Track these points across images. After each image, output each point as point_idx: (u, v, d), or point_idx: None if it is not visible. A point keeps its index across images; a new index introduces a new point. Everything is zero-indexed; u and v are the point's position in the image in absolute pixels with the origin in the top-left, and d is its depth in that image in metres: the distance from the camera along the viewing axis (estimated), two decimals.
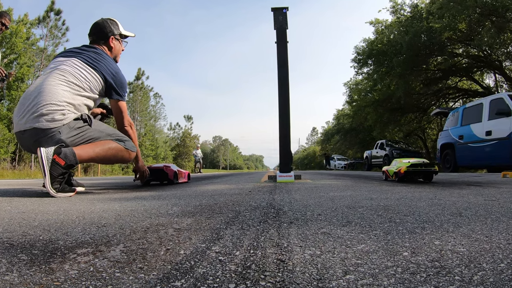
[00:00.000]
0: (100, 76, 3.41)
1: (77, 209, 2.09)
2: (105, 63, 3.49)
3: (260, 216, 1.78)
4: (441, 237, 1.23)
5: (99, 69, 3.41)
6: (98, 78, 3.40)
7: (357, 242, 1.17)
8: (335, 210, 1.98)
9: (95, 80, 3.38)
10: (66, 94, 3.19)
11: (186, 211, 1.96)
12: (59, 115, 3.11)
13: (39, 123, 3.04)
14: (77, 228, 1.46)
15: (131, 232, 1.36)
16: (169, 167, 4.91)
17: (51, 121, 3.08)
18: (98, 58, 3.47)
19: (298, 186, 4.21)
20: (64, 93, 3.18)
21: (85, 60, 3.38)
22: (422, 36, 23.78)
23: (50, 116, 3.07)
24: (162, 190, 3.64)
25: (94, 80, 3.37)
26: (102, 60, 3.49)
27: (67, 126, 3.15)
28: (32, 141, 3.11)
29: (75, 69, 3.31)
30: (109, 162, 3.57)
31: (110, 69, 3.50)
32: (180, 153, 43.98)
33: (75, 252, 1.07)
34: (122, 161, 3.56)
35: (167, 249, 1.10)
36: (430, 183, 4.65)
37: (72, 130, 3.17)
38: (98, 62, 3.45)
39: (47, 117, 3.06)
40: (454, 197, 2.60)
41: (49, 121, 3.07)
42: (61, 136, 3.10)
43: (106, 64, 3.49)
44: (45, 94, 3.11)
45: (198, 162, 28.15)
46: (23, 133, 3.12)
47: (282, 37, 6.24)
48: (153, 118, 40.97)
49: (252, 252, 1.07)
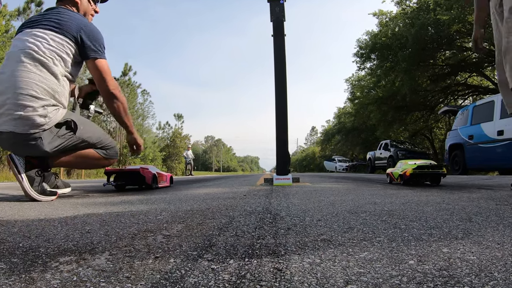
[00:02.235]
0: (69, 38, 3.13)
1: (59, 214, 2.09)
2: (70, 20, 3.19)
3: (255, 221, 1.78)
4: (450, 244, 1.23)
5: (65, 30, 3.13)
6: (67, 41, 3.12)
7: (359, 250, 1.18)
8: (336, 215, 1.99)
9: (63, 45, 3.11)
10: (42, 83, 2.98)
11: (176, 217, 1.96)
12: (40, 118, 2.93)
13: (16, 128, 2.88)
14: (59, 234, 1.45)
15: (117, 239, 1.36)
16: (146, 169, 4.58)
17: (31, 126, 2.91)
18: (60, 18, 3.17)
19: (297, 190, 4.21)
20: (39, 83, 2.97)
21: (47, 26, 3.11)
22: (429, 28, 23.82)
23: (30, 121, 2.89)
24: (151, 194, 3.64)
25: (62, 46, 3.10)
26: (65, 17, 3.19)
27: (49, 132, 3.02)
28: (9, 144, 3.00)
29: (42, 43, 3.05)
30: (84, 169, 3.56)
31: (76, 23, 3.19)
32: (169, 154, 43.81)
33: (57, 260, 1.07)
34: (101, 167, 3.53)
35: (156, 257, 1.10)
36: (438, 186, 4.65)
37: (55, 138, 3.06)
38: (61, 21, 3.16)
39: (26, 121, 2.88)
40: (464, 202, 2.62)
41: (29, 125, 2.90)
42: (43, 146, 2.98)
43: (71, 21, 3.18)
44: (18, 89, 2.90)
45: (189, 163, 28.13)
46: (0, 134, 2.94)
47: (279, 30, 6.22)
48: (140, 116, 40.85)
49: (247, 260, 1.07)
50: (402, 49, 25.57)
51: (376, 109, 30.08)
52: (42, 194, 3.00)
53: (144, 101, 40.98)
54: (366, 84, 33.72)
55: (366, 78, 33.89)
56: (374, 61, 29.93)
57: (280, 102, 6.04)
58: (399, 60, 25.36)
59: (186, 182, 7.58)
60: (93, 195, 3.61)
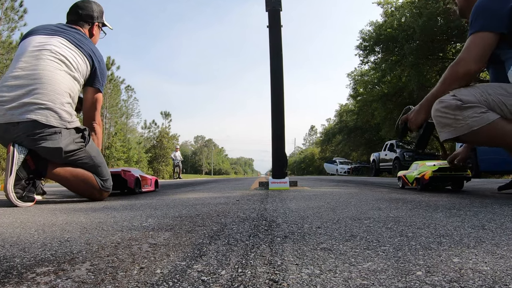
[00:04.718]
0: (88, 59, 3.40)
1: (36, 221, 2.08)
2: (92, 47, 3.48)
3: (249, 229, 1.78)
4: (461, 254, 1.24)
5: (87, 51, 3.40)
6: (86, 61, 3.39)
7: (362, 260, 1.18)
8: (337, 222, 1.99)
9: (84, 63, 3.37)
10: (65, 82, 3.19)
11: (163, 224, 1.96)
12: (66, 114, 3.12)
13: (41, 117, 3.00)
14: (36, 243, 1.45)
15: (99, 248, 1.35)
16: (128, 172, 4.52)
17: (57, 119, 3.08)
18: (83, 41, 3.45)
19: (294, 194, 4.22)
20: (63, 80, 3.17)
21: (71, 40, 3.35)
22: (439, 19, 23.92)
23: (57, 114, 3.06)
24: (135, 199, 3.63)
25: (83, 63, 3.36)
26: (88, 43, 3.48)
27: (68, 133, 3.14)
28: (25, 135, 3.01)
29: (64, 49, 3.27)
30: (75, 192, 3.58)
31: (97, 53, 3.51)
32: (156, 155, 43.72)
33: (33, 271, 1.06)
34: (89, 198, 3.54)
35: (141, 267, 1.10)
36: (448, 191, 4.57)
37: (71, 141, 3.17)
38: (85, 44, 3.43)
39: (53, 113, 3.04)
40: (476, 207, 2.62)
41: (54, 118, 3.06)
42: (61, 142, 3.09)
43: (92, 49, 3.48)
44: (45, 81, 3.07)
45: (177, 166, 28.13)
46: (14, 125, 2.99)
47: (275, 21, 6.18)
48: (124, 114, 40.86)
49: (240, 271, 1.07)
50: (409, 41, 25.65)
51: (380, 106, 30.18)
52: (21, 200, 2.99)
53: (128, 97, 41.00)
54: (370, 79, 33.82)
55: (370, 73, 34.01)
56: (379, 54, 30.05)
57: (276, 98, 6.02)
58: (406, 53, 25.44)
59: (174, 186, 7.56)
60: (72, 200, 3.60)
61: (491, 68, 3.39)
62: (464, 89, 3.06)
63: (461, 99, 2.95)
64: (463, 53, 3.09)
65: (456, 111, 2.97)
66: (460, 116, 2.96)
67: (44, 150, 3.08)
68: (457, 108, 2.96)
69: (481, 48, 3.00)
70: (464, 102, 2.94)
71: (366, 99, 32.65)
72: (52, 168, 3.22)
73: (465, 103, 2.94)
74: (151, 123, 48.28)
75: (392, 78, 29.11)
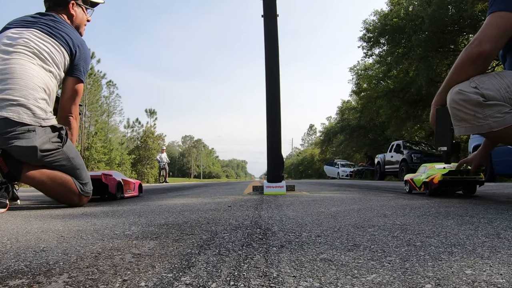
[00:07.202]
0: (64, 47, 3.39)
1: (9, 229, 2.08)
2: (68, 33, 3.46)
3: (242, 237, 1.78)
4: (474, 265, 1.24)
5: (63, 39, 3.38)
6: (62, 50, 3.38)
7: (366, 271, 1.18)
8: (338, 230, 1.99)
9: (59, 53, 3.36)
10: (39, 76, 3.18)
11: (148, 232, 1.96)
12: (40, 111, 3.10)
13: (13, 114, 2.98)
14: (8, 253, 1.45)
15: (77, 259, 1.35)
16: (109, 175, 4.48)
17: (30, 116, 3.06)
18: (58, 27, 3.43)
19: (291, 200, 4.22)
20: (37, 75, 3.16)
21: (44, 30, 3.34)
22: (449, 8, 23.97)
23: (30, 110, 3.05)
24: (117, 205, 3.63)
25: (58, 53, 3.35)
26: (63, 28, 3.45)
27: (43, 131, 3.12)
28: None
29: (38, 41, 3.27)
30: (51, 197, 3.55)
31: (74, 39, 3.49)
32: (140, 157, 43.60)
33: (6, 284, 1.06)
34: (68, 203, 3.53)
35: (123, 280, 1.10)
36: (459, 196, 4.53)
37: (47, 141, 3.16)
38: (60, 31, 3.41)
39: (25, 110, 3.03)
40: (490, 214, 2.63)
41: (27, 115, 3.04)
42: (35, 140, 3.07)
43: (69, 34, 3.46)
44: (17, 76, 3.06)
45: (163, 169, 28.09)
46: None
47: (271, 10, 6.18)
48: (106, 112, 40.75)
49: (232, 283, 1.07)
50: (417, 32, 25.67)
51: (386, 103, 30.21)
52: None
53: (110, 94, 40.88)
54: (374, 73, 33.84)
55: (374, 67, 34.01)
56: (384, 46, 30.06)
57: (272, 94, 6.04)
58: (414, 45, 25.47)
59: (159, 191, 7.56)
60: (49, 206, 3.59)
61: (509, 57, 3.30)
62: (486, 79, 2.97)
63: (483, 94, 2.88)
64: (478, 33, 3.01)
65: (477, 108, 2.90)
66: (481, 114, 2.90)
67: (17, 150, 3.06)
68: (478, 105, 2.90)
69: (500, 28, 2.92)
70: (487, 98, 2.87)
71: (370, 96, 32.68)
72: (27, 171, 3.20)
73: (488, 99, 2.87)
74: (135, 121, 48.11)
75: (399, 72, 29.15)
